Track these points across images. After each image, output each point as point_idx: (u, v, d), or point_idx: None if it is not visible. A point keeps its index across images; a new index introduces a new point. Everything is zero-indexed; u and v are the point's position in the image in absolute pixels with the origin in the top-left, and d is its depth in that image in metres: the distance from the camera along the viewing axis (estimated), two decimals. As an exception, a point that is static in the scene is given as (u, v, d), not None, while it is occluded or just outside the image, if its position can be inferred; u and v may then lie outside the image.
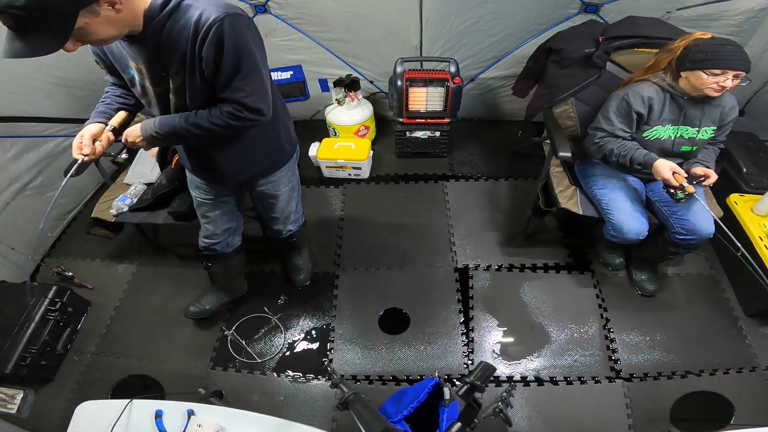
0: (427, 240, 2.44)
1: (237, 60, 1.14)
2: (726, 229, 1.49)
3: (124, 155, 1.47)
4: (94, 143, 1.29)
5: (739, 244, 1.45)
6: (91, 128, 1.31)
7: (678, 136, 1.72)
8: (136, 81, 1.27)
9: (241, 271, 2.12)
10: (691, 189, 1.57)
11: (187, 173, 1.70)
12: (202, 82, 1.19)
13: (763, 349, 1.93)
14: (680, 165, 1.83)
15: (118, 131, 1.36)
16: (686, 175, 1.61)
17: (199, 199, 1.71)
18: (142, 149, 1.49)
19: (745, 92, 2.32)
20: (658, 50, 1.91)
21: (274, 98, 1.39)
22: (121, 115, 1.38)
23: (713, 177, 1.65)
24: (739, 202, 2.05)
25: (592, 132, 1.83)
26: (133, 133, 1.32)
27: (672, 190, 1.62)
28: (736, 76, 1.53)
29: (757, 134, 2.31)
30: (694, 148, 1.75)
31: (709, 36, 1.57)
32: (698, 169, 1.65)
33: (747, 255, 1.45)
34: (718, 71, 1.53)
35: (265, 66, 1.26)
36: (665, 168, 1.62)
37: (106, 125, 1.34)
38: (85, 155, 1.26)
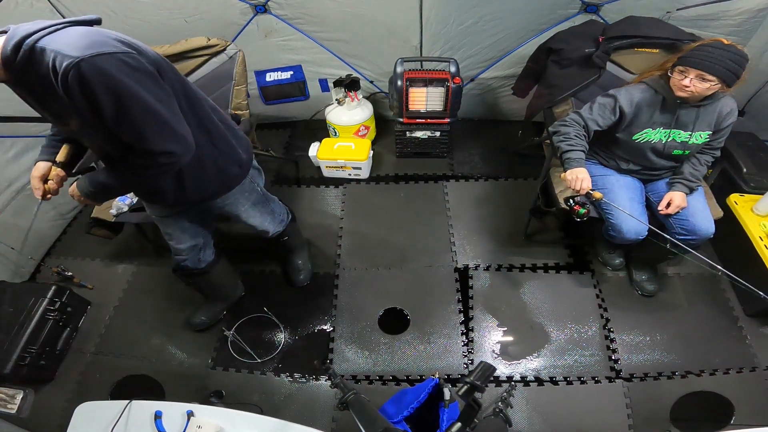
0: (426, 240, 2.44)
1: (117, 107, 0.98)
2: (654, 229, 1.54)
3: None
4: (47, 182, 1.29)
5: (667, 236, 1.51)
6: (37, 170, 1.30)
7: (669, 139, 1.72)
8: (46, 119, 1.20)
9: (229, 279, 2.08)
10: (598, 195, 1.61)
11: None
12: (103, 129, 1.05)
13: (763, 349, 1.93)
14: (671, 168, 1.84)
15: (67, 163, 1.33)
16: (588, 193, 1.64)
17: (153, 216, 1.64)
18: None
19: (746, 92, 2.32)
20: (658, 50, 1.91)
21: (210, 122, 1.31)
22: (65, 149, 1.33)
23: (674, 206, 1.71)
24: (739, 202, 2.05)
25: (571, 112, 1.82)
26: (74, 191, 1.30)
27: (576, 203, 1.63)
28: (698, 77, 1.52)
29: (757, 134, 2.31)
30: (687, 151, 1.75)
31: (718, 41, 1.53)
32: (665, 199, 1.74)
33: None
34: (682, 68, 1.54)
35: (165, 99, 1.07)
36: (586, 176, 1.64)
37: (55, 161, 1.31)
38: (39, 197, 1.28)
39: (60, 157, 1.32)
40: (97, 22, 1.07)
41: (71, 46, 0.93)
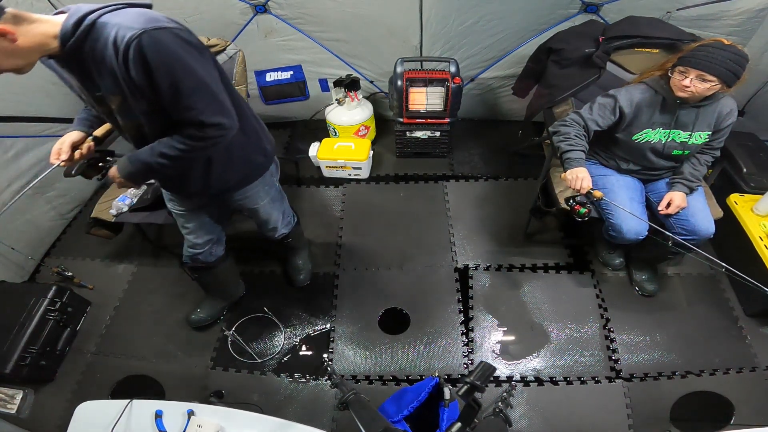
0: (427, 240, 2.44)
1: (172, 78, 1.04)
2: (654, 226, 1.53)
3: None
4: (74, 151, 1.29)
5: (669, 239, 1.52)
6: (71, 135, 1.30)
7: (669, 139, 1.72)
8: (84, 99, 1.21)
9: (233, 277, 2.09)
10: (598, 194, 1.60)
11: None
12: (150, 104, 1.10)
13: (763, 349, 1.93)
14: (671, 168, 1.84)
15: (101, 140, 1.34)
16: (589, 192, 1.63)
17: (174, 210, 1.66)
18: None
19: (746, 92, 2.33)
20: (658, 50, 1.91)
21: (240, 108, 1.33)
22: (106, 126, 1.35)
23: (674, 206, 1.71)
24: (739, 202, 2.05)
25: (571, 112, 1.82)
26: (114, 174, 1.29)
27: (577, 203, 1.61)
28: (698, 77, 1.52)
29: (757, 134, 2.31)
30: (686, 152, 1.75)
31: (718, 41, 1.53)
32: (665, 199, 1.74)
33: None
34: (683, 68, 1.54)
35: (213, 75, 1.15)
36: (587, 176, 1.64)
37: (90, 134, 1.32)
38: (63, 161, 1.27)
39: (99, 131, 1.34)
40: (149, 6, 1.12)
41: (133, 20, 1.00)
